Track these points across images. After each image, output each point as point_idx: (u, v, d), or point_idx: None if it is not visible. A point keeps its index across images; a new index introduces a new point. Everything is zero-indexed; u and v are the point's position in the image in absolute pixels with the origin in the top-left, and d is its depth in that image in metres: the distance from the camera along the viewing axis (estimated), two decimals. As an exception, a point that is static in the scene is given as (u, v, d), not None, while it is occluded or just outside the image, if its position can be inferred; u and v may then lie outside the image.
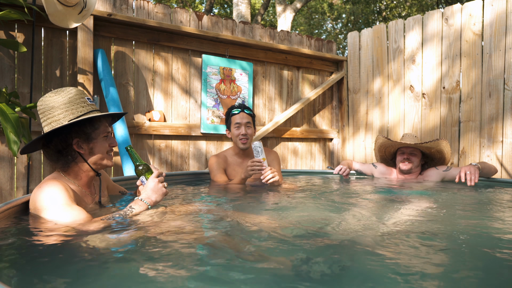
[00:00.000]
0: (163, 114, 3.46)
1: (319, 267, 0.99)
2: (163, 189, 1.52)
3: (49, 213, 1.32)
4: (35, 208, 1.36)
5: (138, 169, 1.57)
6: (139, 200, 1.46)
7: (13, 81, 2.82)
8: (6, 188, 2.79)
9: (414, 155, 2.77)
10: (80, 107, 1.43)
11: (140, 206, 1.44)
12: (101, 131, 1.50)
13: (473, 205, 1.97)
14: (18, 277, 0.93)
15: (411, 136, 2.84)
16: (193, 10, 3.82)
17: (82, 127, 1.44)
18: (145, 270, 0.96)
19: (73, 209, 1.33)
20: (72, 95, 1.43)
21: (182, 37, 3.55)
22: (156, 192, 1.50)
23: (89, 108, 1.46)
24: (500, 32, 3.35)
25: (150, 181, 1.51)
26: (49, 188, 1.35)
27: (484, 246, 1.23)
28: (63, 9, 2.39)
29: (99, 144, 1.50)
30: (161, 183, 1.53)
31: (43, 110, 1.42)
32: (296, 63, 4.36)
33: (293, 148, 4.40)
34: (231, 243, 1.19)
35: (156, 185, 1.51)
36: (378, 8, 13.26)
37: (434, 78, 3.81)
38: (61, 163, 1.46)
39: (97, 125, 1.48)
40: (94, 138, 1.48)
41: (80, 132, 1.44)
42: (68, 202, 1.34)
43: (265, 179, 2.20)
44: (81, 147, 1.46)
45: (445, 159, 2.82)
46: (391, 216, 1.63)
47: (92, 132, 1.47)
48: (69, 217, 1.30)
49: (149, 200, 1.47)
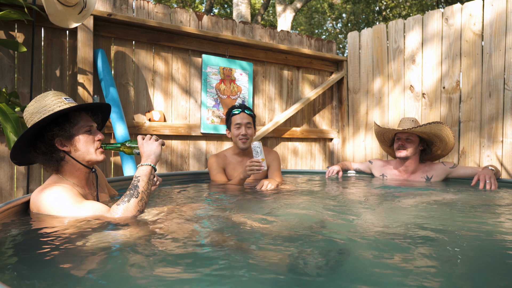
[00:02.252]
0: (163, 114, 3.46)
1: (318, 266, 0.99)
2: (154, 141, 1.49)
3: (64, 216, 1.32)
4: (42, 213, 1.35)
5: (124, 151, 1.56)
6: (140, 166, 1.44)
7: (13, 81, 2.82)
8: (6, 188, 2.79)
9: (409, 141, 2.63)
10: (56, 107, 1.42)
11: (143, 171, 1.42)
12: (81, 126, 1.48)
13: (473, 204, 1.97)
14: (18, 277, 0.93)
15: (409, 120, 2.70)
16: (193, 10, 3.82)
17: (61, 126, 1.43)
18: (144, 270, 0.96)
19: (85, 205, 1.33)
20: (48, 97, 1.43)
21: (182, 37, 3.55)
22: (151, 148, 1.47)
23: (66, 107, 1.44)
24: (500, 32, 3.35)
25: (140, 145, 1.49)
26: (53, 191, 1.35)
27: (484, 246, 1.23)
28: (63, 9, 2.39)
29: (82, 139, 1.47)
30: (150, 139, 1.50)
31: (26, 118, 1.44)
32: (296, 63, 4.36)
33: (293, 148, 4.40)
34: (230, 243, 1.19)
35: (147, 144, 1.48)
36: (378, 8, 13.26)
37: (434, 78, 3.81)
38: (52, 164, 1.46)
39: (75, 121, 1.47)
40: (75, 134, 1.46)
41: (60, 131, 1.43)
42: (77, 200, 1.34)
43: (260, 188, 2.26)
44: (64, 145, 1.45)
45: (446, 143, 2.64)
46: (391, 215, 1.63)
47: (71, 128, 1.45)
48: (86, 213, 1.31)
49: (149, 159, 1.45)
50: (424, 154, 2.74)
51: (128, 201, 1.34)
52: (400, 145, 2.65)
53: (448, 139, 2.61)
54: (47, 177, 2.90)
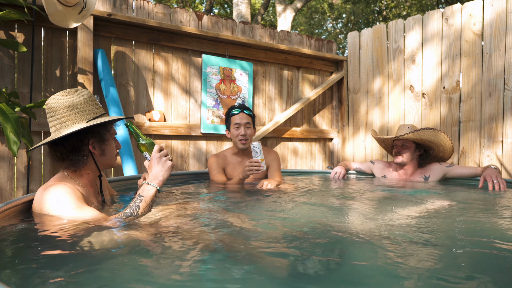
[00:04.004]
0: (163, 114, 3.46)
1: (317, 266, 0.99)
2: (168, 162, 1.44)
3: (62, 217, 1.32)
4: (44, 212, 1.35)
5: (140, 145, 1.54)
6: (146, 185, 1.41)
7: (13, 81, 2.82)
8: (6, 188, 2.79)
9: (405, 148, 2.69)
10: (95, 109, 1.45)
11: (148, 191, 1.39)
12: (112, 133, 1.54)
13: (473, 204, 1.97)
14: (18, 277, 0.93)
15: (405, 127, 2.75)
16: (193, 10, 3.82)
17: (98, 129, 1.47)
18: (144, 270, 0.96)
19: (84, 211, 1.33)
20: (86, 96, 1.45)
21: (182, 37, 3.55)
22: (162, 168, 1.43)
23: (102, 110, 1.49)
24: (500, 32, 3.35)
25: (153, 158, 1.44)
26: (57, 191, 1.35)
27: (484, 246, 1.23)
28: (63, 9, 2.39)
29: (110, 145, 1.53)
30: (165, 157, 1.45)
31: (56, 108, 1.40)
32: (296, 63, 4.36)
33: (293, 148, 4.40)
34: (229, 243, 1.19)
35: (160, 161, 1.43)
36: (378, 8, 13.26)
37: (434, 78, 3.81)
38: (70, 162, 1.45)
39: (109, 127, 1.52)
40: (107, 140, 1.51)
41: (96, 133, 1.46)
42: (79, 205, 1.34)
43: (260, 188, 2.26)
44: (94, 148, 1.48)
45: (444, 147, 2.66)
46: (390, 217, 1.63)
47: (106, 133, 1.50)
48: (82, 219, 1.30)
49: (156, 181, 1.41)
50: (422, 159, 2.78)
51: (126, 218, 1.34)
52: (396, 152, 2.73)
53: (444, 144, 2.63)
54: (47, 177, 2.90)
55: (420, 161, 2.77)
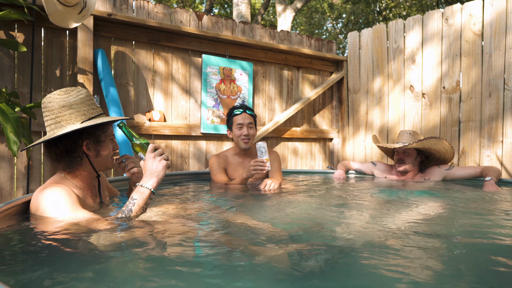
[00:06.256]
0: (163, 114, 3.46)
1: (317, 266, 0.99)
2: (163, 162, 1.40)
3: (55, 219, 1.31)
4: (39, 213, 1.35)
5: (135, 145, 1.53)
6: (140, 187, 1.37)
7: (13, 81, 2.82)
8: (6, 188, 2.79)
9: (407, 155, 2.72)
10: (91, 109, 1.43)
11: (142, 194, 1.36)
12: (108, 134, 1.50)
13: (473, 205, 1.97)
14: (18, 277, 0.93)
15: (406, 134, 2.77)
16: (193, 10, 3.82)
17: (93, 130, 1.44)
18: (144, 270, 0.96)
19: (78, 214, 1.31)
20: (83, 96, 1.42)
21: (182, 37, 3.55)
22: (156, 168, 1.39)
23: (99, 111, 1.46)
24: (500, 32, 3.35)
25: (148, 158, 1.40)
26: (53, 193, 1.34)
27: (484, 246, 1.23)
28: (63, 9, 2.39)
29: (105, 147, 1.50)
30: (159, 156, 1.41)
31: (51, 108, 1.38)
32: (296, 63, 4.36)
33: (293, 148, 4.40)
34: (230, 242, 1.19)
35: (154, 161, 1.39)
36: (378, 8, 13.26)
37: (434, 78, 3.81)
38: (65, 163, 1.44)
39: (105, 128, 1.49)
40: (103, 141, 1.48)
41: (91, 134, 1.44)
42: (73, 208, 1.32)
43: (263, 188, 2.25)
44: (89, 149, 1.46)
45: (445, 154, 2.70)
46: (391, 216, 1.63)
47: (102, 135, 1.47)
48: (76, 222, 1.30)
49: (150, 182, 1.37)
50: (423, 165, 2.81)
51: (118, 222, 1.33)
52: (398, 160, 2.76)
53: (446, 150, 2.67)
54: (47, 177, 2.90)
55: (421, 167, 2.81)
